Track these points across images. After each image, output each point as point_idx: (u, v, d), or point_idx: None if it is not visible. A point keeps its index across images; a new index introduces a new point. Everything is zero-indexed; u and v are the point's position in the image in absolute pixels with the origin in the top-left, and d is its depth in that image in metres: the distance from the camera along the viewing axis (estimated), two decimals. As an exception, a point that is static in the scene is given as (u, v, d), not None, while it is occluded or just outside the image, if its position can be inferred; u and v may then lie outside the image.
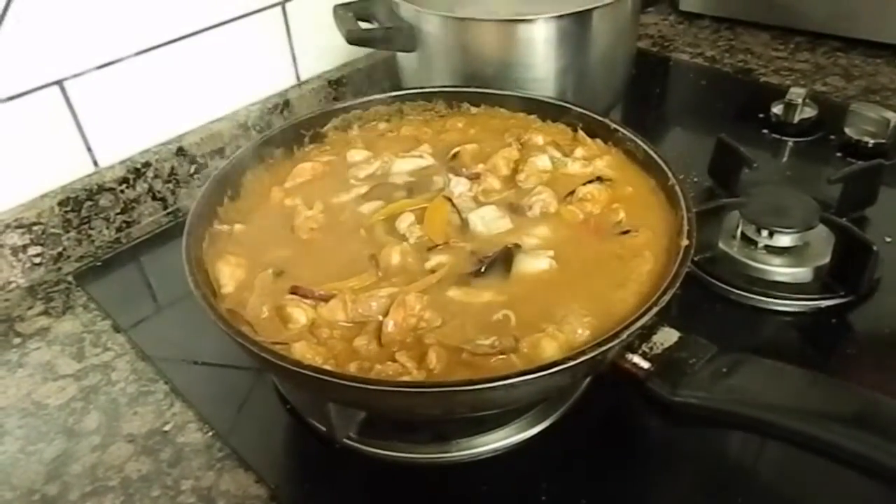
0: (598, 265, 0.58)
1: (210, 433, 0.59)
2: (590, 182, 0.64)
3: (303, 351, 0.50)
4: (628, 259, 0.57)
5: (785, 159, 0.89)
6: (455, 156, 0.71)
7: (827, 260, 0.68)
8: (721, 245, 0.71)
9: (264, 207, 0.66)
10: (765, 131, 0.92)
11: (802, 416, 0.46)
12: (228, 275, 0.57)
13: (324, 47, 0.99)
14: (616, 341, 0.47)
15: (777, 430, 0.47)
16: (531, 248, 0.59)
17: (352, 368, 0.50)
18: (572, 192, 0.64)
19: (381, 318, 0.53)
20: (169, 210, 0.87)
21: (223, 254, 0.59)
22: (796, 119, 0.90)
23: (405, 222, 0.62)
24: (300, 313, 0.54)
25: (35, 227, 0.77)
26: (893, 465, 0.43)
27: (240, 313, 0.54)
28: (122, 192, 0.83)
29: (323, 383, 0.46)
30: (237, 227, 0.63)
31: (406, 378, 0.49)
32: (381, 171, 0.70)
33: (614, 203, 0.63)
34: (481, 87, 0.78)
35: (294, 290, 0.55)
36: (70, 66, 0.77)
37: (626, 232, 0.60)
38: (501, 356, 0.50)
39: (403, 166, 0.70)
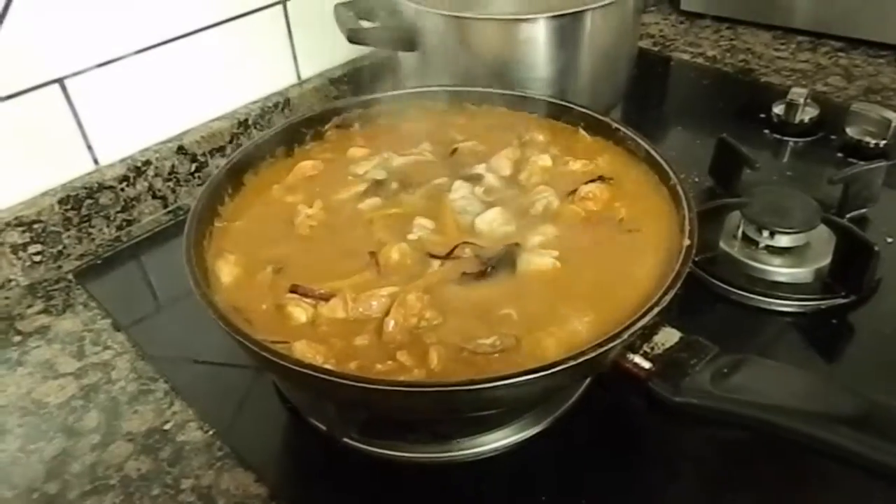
0: (599, 264, 0.57)
1: (210, 432, 0.59)
2: (591, 181, 0.64)
3: (303, 350, 0.50)
4: (630, 259, 0.57)
5: (786, 159, 0.89)
6: (456, 154, 0.71)
7: (828, 260, 0.68)
8: (722, 245, 0.71)
9: (265, 205, 0.66)
10: (766, 131, 0.92)
11: (804, 417, 0.46)
12: (228, 272, 0.57)
13: (325, 46, 0.99)
14: (617, 341, 0.47)
15: (778, 431, 0.47)
16: (533, 248, 0.59)
17: (352, 367, 0.49)
18: (574, 191, 0.64)
19: (381, 316, 0.53)
20: (169, 208, 0.87)
21: (223, 252, 0.59)
22: (797, 119, 0.90)
23: (406, 220, 0.61)
24: (300, 312, 0.54)
25: (35, 226, 0.77)
26: (894, 466, 0.43)
27: (240, 311, 0.54)
28: (122, 190, 0.82)
29: (323, 382, 0.46)
30: (238, 224, 0.63)
31: (407, 377, 0.48)
32: (382, 170, 0.70)
33: (616, 202, 0.63)
34: (482, 87, 0.77)
35: (294, 289, 0.55)
36: (70, 64, 0.77)
37: (628, 231, 0.60)
38: (503, 355, 0.49)
39: (404, 165, 0.70)
